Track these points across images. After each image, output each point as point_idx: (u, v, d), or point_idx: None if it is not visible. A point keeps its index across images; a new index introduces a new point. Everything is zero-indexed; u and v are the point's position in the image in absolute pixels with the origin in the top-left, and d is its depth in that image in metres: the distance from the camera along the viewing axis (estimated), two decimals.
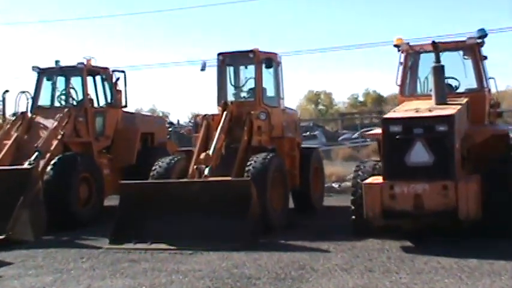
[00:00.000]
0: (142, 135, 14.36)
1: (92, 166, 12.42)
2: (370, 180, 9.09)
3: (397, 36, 10.86)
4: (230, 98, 12.15)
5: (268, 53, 12.03)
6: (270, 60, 11.86)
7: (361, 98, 66.48)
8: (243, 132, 11.18)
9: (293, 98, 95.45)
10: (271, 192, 10.38)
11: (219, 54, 12.02)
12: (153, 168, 11.08)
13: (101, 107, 13.83)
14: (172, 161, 11.09)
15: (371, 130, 13.28)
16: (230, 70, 12.24)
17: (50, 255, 9.28)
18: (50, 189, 11.23)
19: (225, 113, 11.28)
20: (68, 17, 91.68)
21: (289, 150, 11.98)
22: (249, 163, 10.46)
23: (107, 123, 13.76)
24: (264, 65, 11.78)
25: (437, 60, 9.55)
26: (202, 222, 9.57)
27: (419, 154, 8.65)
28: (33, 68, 13.59)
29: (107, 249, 9.54)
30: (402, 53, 10.59)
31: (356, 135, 32.28)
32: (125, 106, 14.20)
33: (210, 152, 10.51)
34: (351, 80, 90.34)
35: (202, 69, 12.17)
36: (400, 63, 10.58)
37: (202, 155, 10.43)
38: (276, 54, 12.29)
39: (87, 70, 13.42)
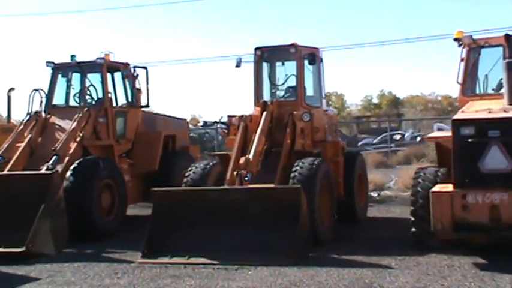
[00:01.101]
0: (165, 139, 13.93)
1: (115, 171, 11.97)
2: (437, 188, 8.65)
3: (458, 29, 10.44)
4: (267, 97, 11.75)
5: (310, 47, 11.63)
6: (313, 56, 11.44)
7: (375, 100, 65.91)
8: (285, 134, 10.76)
9: None
10: (319, 201, 9.96)
11: (256, 49, 11.60)
12: (187, 174, 10.65)
13: (121, 106, 13.40)
14: (208, 166, 10.67)
15: (426, 134, 12.83)
16: (268, 66, 11.83)
17: (79, 270, 8.84)
18: (70, 196, 10.71)
19: (264, 113, 10.86)
20: (84, 8, 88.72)
21: (333, 155, 11.56)
22: (294, 169, 10.04)
23: (128, 124, 13.32)
24: (306, 61, 11.39)
25: (511, 54, 9.12)
26: (245, 233, 9.16)
27: (495, 159, 8.22)
28: (47, 63, 13.15)
29: (140, 263, 9.12)
30: (464, 47, 10.17)
31: (378, 139, 31.86)
32: (147, 106, 13.78)
33: (250, 156, 10.08)
34: (364, 81, 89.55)
35: (238, 65, 11.74)
36: (462, 59, 10.16)
37: (242, 160, 9.99)
38: (317, 49, 11.88)
39: (106, 66, 13.01)
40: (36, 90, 12.61)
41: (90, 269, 8.88)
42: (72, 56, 13.32)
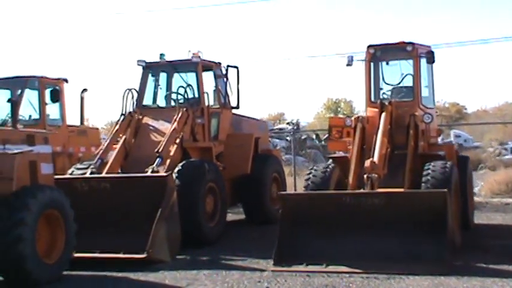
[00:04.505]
0: (254, 141, 13.46)
1: (218, 175, 11.51)
2: None
3: None
4: (378, 97, 11.29)
5: (426, 46, 11.20)
6: (431, 55, 10.98)
7: None
8: (409, 136, 10.32)
9: (311, 107, 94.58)
10: (452, 207, 9.49)
11: (369, 46, 11.17)
12: (306, 178, 10.24)
13: (213, 107, 12.95)
14: (328, 170, 10.23)
15: None
16: (380, 65, 11.38)
17: (215, 279, 8.39)
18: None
19: (383, 114, 10.41)
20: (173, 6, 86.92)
21: (449, 158, 11.10)
22: (425, 172, 9.59)
23: (221, 126, 12.89)
24: (424, 60, 10.94)
25: None
26: (384, 240, 8.71)
27: None
28: (138, 62, 12.73)
29: (273, 271, 8.66)
30: None
31: None
32: (237, 107, 13.33)
33: (375, 159, 9.63)
34: None
35: (349, 64, 11.28)
36: None
37: (368, 163, 9.51)
38: (430, 47, 11.45)
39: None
40: (129, 89, 12.16)
41: (226, 277, 8.43)
42: (162, 55, 12.90)
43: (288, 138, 28.88)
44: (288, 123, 39.39)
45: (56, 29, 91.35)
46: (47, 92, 13.93)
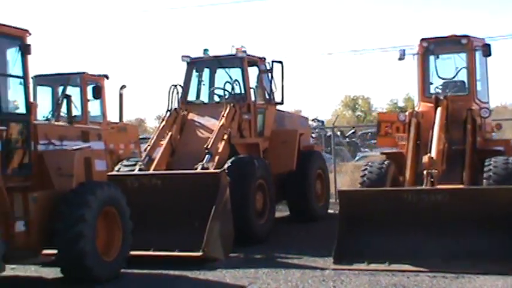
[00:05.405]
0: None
1: (267, 171, 11.33)
2: None
3: None
4: (431, 91, 11.08)
5: (481, 39, 10.95)
6: (488, 48, 10.73)
7: (401, 104, 64.76)
8: (466, 131, 10.09)
9: (328, 104, 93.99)
10: None
11: (422, 40, 10.95)
12: (362, 174, 10.03)
13: (258, 103, 12.75)
14: (383, 166, 10.02)
15: None
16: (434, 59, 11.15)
17: (277, 277, 8.21)
18: None
19: (439, 109, 10.18)
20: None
21: (508, 153, 10.83)
22: (486, 168, 9.38)
23: (266, 122, 12.70)
24: (479, 53, 10.70)
25: None
26: (449, 238, 8.47)
27: None
28: (183, 57, 12.56)
29: (334, 269, 8.47)
30: None
31: None
32: (281, 103, 13.13)
33: (433, 154, 9.39)
34: (390, 84, 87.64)
35: (401, 58, 11.05)
36: None
37: (426, 159, 9.28)
38: (484, 39, 11.20)
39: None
40: (174, 85, 12.01)
41: (287, 276, 8.25)
42: (205, 50, 12.72)
43: (313, 135, 28.54)
44: (313, 120, 39.13)
45: (94, 25, 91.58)
46: (89, 89, 13.83)
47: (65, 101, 10.06)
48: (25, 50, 7.77)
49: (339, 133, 34.96)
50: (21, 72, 7.80)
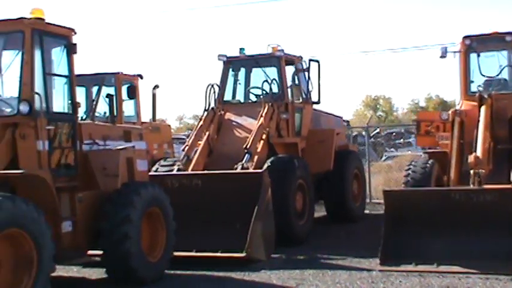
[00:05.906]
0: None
1: (306, 171, 11.20)
2: None
3: None
4: (472, 89, 10.88)
5: None
6: None
7: (422, 104, 64.22)
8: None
9: (349, 104, 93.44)
10: None
11: (464, 37, 10.74)
12: (405, 174, 9.87)
13: (296, 102, 12.62)
14: (428, 165, 9.84)
15: None
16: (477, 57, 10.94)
17: (322, 278, 8.08)
18: None
19: (483, 107, 9.97)
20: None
21: None
22: None
23: (304, 121, 12.57)
24: None
25: None
26: (497, 238, 8.27)
27: None
28: (219, 56, 12.49)
29: (381, 271, 8.31)
30: None
31: None
32: (318, 102, 12.99)
33: (479, 153, 9.19)
34: (411, 84, 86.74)
35: (443, 56, 10.86)
36: None
37: (471, 158, 9.08)
38: None
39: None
40: (211, 85, 11.92)
41: (335, 278, 8.11)
42: (241, 49, 12.64)
43: None
44: None
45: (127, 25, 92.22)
46: (124, 89, 13.79)
47: (107, 100, 9.97)
48: (71, 49, 7.73)
49: (364, 133, 34.75)
50: (67, 71, 7.76)
